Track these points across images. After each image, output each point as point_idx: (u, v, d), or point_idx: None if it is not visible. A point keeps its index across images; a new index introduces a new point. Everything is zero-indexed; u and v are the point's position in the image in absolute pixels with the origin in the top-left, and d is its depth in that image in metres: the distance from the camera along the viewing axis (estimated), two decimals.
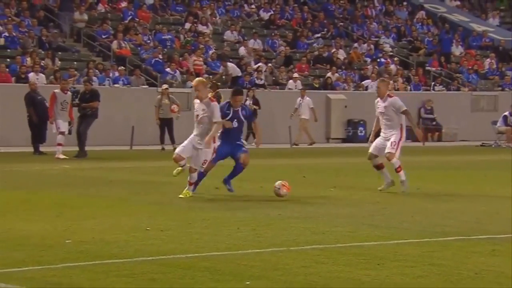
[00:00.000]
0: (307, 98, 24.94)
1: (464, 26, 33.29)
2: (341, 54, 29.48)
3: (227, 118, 11.44)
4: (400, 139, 11.85)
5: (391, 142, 11.80)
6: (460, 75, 30.45)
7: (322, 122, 26.65)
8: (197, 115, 11.00)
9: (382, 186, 11.86)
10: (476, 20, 34.63)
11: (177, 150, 11.18)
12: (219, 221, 9.23)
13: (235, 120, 11.52)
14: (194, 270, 6.55)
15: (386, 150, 11.80)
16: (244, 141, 12.07)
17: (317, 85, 27.44)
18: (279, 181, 11.08)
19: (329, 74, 27.84)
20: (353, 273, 6.44)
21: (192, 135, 11.12)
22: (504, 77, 30.85)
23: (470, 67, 30.87)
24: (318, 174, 14.11)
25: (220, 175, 11.90)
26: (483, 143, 26.18)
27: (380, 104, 12.01)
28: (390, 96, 12.01)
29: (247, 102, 23.66)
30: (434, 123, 28.06)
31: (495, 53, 31.91)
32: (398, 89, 28.61)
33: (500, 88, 30.24)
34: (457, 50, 31.84)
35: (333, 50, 29.39)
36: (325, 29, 30.75)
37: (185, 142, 11.12)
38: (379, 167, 12.04)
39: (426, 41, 31.88)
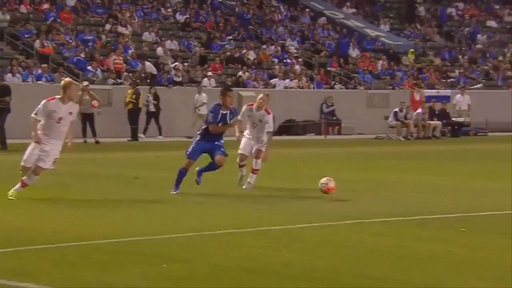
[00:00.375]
0: (203, 94, 24.99)
1: (359, 31, 34.05)
2: (251, 55, 29.68)
3: (215, 121, 10.45)
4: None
5: (262, 141, 11.30)
6: (357, 75, 31.20)
7: None
8: (60, 117, 9.61)
9: (245, 186, 11.19)
10: (369, 26, 35.47)
11: (23, 163, 9.89)
12: (140, 209, 9.18)
13: (221, 123, 10.56)
14: (116, 254, 6.52)
15: (256, 147, 11.28)
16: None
17: (229, 83, 27.52)
18: (324, 178, 10.29)
19: (240, 73, 27.97)
20: (261, 255, 6.56)
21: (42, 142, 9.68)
22: (395, 77, 31.83)
23: (365, 68, 31.68)
24: (227, 165, 14.18)
25: (155, 167, 11.76)
26: (377, 136, 26.94)
27: (256, 114, 11.47)
28: (268, 112, 11.46)
29: (149, 98, 23.76)
30: (334, 117, 28.63)
31: (387, 55, 32.83)
32: (303, 87, 29.06)
33: (391, 87, 31.18)
34: (353, 52, 32.56)
35: (244, 51, 29.54)
36: (237, 32, 30.86)
37: (28, 151, 9.87)
38: (242, 165, 11.60)
39: (327, 44, 32.47)
